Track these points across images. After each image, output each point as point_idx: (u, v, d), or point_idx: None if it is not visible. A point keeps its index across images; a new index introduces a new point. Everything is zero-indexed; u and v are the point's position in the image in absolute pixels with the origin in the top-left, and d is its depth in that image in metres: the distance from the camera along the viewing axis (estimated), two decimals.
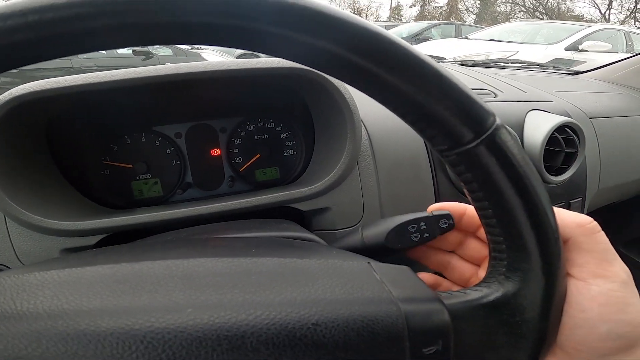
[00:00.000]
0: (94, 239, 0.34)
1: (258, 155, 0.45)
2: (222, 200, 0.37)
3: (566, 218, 0.20)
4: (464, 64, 1.03)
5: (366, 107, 0.46)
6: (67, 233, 0.32)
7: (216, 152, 0.44)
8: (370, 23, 0.15)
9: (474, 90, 0.17)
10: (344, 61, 0.15)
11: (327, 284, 0.18)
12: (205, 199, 0.42)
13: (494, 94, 0.55)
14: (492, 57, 3.80)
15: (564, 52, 3.71)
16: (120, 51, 5.23)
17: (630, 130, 0.65)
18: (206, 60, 5.19)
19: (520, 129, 0.49)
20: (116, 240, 0.35)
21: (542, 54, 3.71)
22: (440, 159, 0.18)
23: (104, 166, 0.40)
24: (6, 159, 0.31)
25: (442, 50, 4.23)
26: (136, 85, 0.32)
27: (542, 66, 1.10)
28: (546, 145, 0.47)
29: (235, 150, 0.44)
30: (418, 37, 6.42)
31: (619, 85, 0.91)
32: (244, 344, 0.14)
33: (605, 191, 0.61)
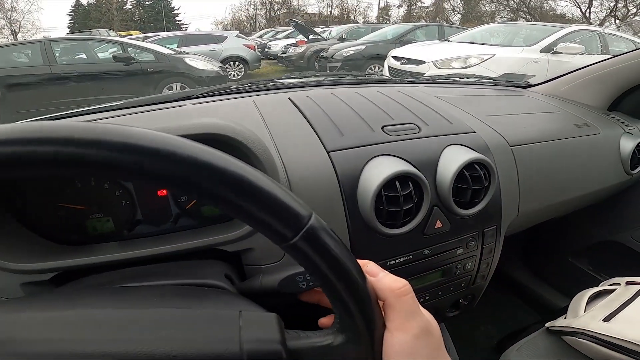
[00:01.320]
0: (48, 275, 0.39)
1: None
2: (144, 246, 0.41)
3: (384, 284, 0.26)
4: (422, 81, 1.07)
5: (290, 152, 0.49)
6: (25, 272, 0.37)
7: (162, 192, 0.46)
8: (220, 156, 0.20)
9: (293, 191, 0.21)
10: (201, 189, 0.20)
11: (196, 330, 0.24)
12: (153, 234, 0.46)
13: (419, 128, 0.58)
14: (469, 60, 3.87)
15: (539, 54, 3.79)
16: (101, 56, 5.20)
17: (553, 155, 0.68)
18: (191, 65, 5.17)
19: (435, 166, 0.52)
20: (67, 275, 0.40)
21: (517, 56, 3.79)
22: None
23: (59, 208, 0.43)
24: None
25: (422, 53, 4.29)
26: None
27: (494, 81, 1.14)
28: (455, 182, 0.50)
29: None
30: (402, 40, 6.48)
31: (562, 100, 0.94)
32: None
33: (527, 214, 0.64)
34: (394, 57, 4.59)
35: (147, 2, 28.94)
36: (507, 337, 1.00)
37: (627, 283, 0.68)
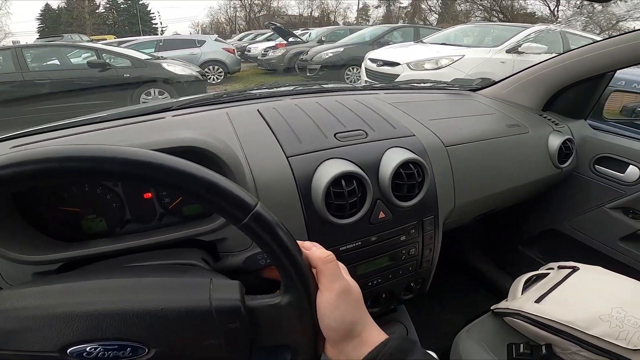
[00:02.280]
0: (55, 266, 0.47)
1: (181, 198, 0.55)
2: (134, 239, 0.49)
3: (315, 254, 0.34)
4: (383, 88, 1.17)
5: (256, 158, 0.58)
6: (34, 263, 0.44)
7: (148, 195, 0.53)
8: (177, 161, 0.28)
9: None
10: (166, 185, 0.28)
11: (178, 291, 0.33)
12: (141, 231, 0.53)
13: (366, 133, 0.68)
14: (441, 62, 4.05)
15: (505, 54, 4.01)
16: (74, 61, 5.11)
17: (484, 153, 0.79)
18: (169, 71, 5.15)
19: (377, 165, 0.63)
20: (70, 266, 0.47)
21: (485, 57, 4.00)
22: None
23: (58, 210, 0.50)
24: None
25: (397, 55, 4.45)
26: None
27: (448, 85, 1.26)
28: (394, 179, 0.61)
29: (163, 193, 0.54)
30: (379, 41, 6.66)
31: (502, 102, 1.03)
32: (126, 316, 0.30)
33: (464, 205, 0.75)
34: (371, 60, 4.73)
35: (121, 5, 28.25)
36: (468, 322, 1.10)
37: (559, 267, 0.76)
